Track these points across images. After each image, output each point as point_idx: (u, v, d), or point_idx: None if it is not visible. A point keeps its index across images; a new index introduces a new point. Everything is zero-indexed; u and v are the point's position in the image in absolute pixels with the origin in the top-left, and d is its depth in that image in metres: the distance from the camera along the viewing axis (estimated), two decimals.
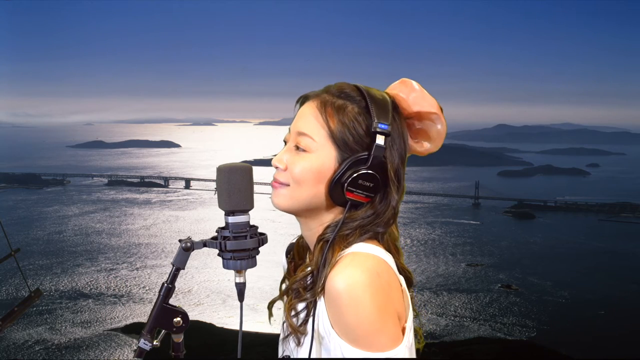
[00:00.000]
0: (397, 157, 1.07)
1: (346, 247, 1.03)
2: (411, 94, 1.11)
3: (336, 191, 1.04)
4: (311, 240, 1.13)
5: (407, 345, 0.98)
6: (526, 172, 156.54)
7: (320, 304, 0.99)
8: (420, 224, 78.08)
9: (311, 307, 1.01)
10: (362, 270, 0.94)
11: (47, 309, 41.20)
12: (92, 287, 48.29)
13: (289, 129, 1.13)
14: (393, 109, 1.07)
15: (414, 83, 1.12)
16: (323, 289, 0.98)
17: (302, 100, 1.12)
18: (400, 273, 1.08)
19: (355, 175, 1.02)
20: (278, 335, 1.21)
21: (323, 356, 1.00)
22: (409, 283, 1.09)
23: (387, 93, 1.11)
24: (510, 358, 31.42)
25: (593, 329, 39.91)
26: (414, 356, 1.05)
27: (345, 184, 1.03)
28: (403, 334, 0.98)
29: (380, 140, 1.03)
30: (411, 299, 1.09)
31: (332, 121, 1.05)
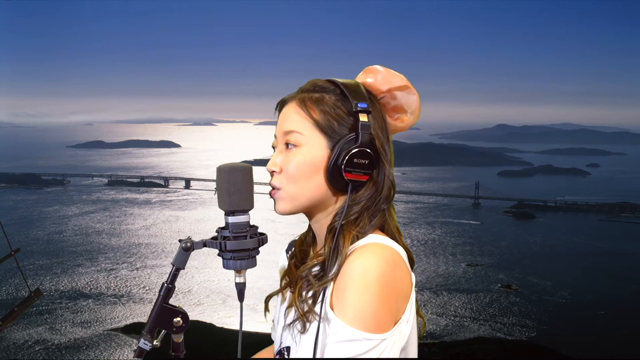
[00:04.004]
0: (382, 133, 1.11)
1: (358, 234, 1.06)
2: (377, 75, 1.15)
3: (335, 176, 1.06)
4: (320, 232, 1.15)
5: (398, 338, 0.99)
6: (526, 172, 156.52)
7: (329, 290, 1.01)
8: (420, 224, 78.05)
9: (319, 294, 1.03)
10: (380, 259, 0.97)
11: (47, 309, 41.19)
12: (92, 287, 48.27)
13: (275, 135, 1.15)
14: (367, 92, 1.12)
15: (377, 66, 1.16)
16: (336, 276, 1.00)
17: (281, 104, 1.16)
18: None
19: (349, 155, 1.05)
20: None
21: (327, 341, 1.00)
22: (411, 262, 1.11)
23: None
24: (510, 358, 31.41)
25: (593, 329, 39.91)
26: (414, 349, 1.06)
27: (343, 166, 1.05)
28: (394, 324, 0.99)
29: (363, 118, 1.07)
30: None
31: (314, 112, 1.09)
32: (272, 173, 1.12)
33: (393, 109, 1.17)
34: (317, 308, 1.03)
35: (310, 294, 1.05)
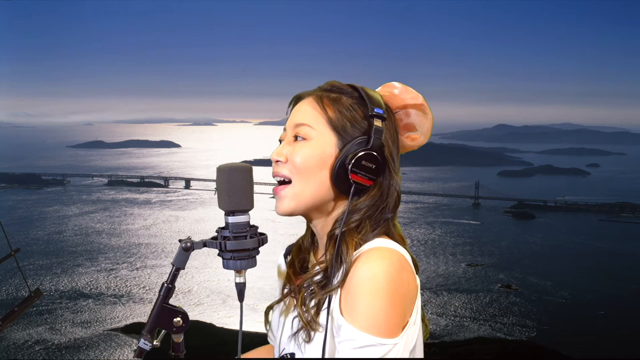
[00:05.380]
0: (392, 143, 1.11)
1: (361, 241, 1.04)
2: (394, 90, 1.16)
3: (340, 176, 1.05)
4: (322, 235, 1.14)
5: (407, 340, 0.99)
6: (526, 172, 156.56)
7: (336, 298, 1.00)
8: (420, 224, 78.07)
9: (323, 302, 1.02)
10: (389, 263, 0.96)
11: (47, 309, 41.20)
12: (92, 287, 48.28)
13: (284, 128, 1.15)
14: (385, 103, 1.13)
15: (396, 82, 1.17)
16: (342, 283, 0.99)
17: (296, 99, 1.15)
18: None
19: (358, 155, 1.04)
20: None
21: (335, 349, 0.99)
22: (415, 269, 1.10)
23: None
24: (510, 358, 31.42)
25: (593, 329, 39.92)
26: (420, 351, 1.06)
27: (349, 166, 1.04)
28: (403, 328, 0.98)
29: (377, 123, 1.07)
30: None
31: (330, 110, 1.09)
32: (276, 162, 1.11)
33: (405, 126, 1.17)
34: (322, 316, 1.02)
35: (313, 302, 1.04)
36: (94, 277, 51.14)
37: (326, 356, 1.00)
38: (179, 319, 1.03)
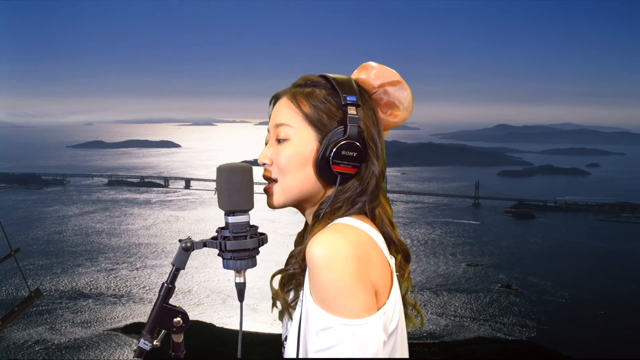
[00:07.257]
0: (372, 127, 1.12)
1: (334, 219, 1.07)
2: (371, 72, 1.17)
3: (324, 168, 1.08)
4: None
5: (385, 322, 0.96)
6: (526, 172, 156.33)
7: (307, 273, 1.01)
8: (420, 224, 77.96)
9: (300, 279, 1.05)
10: (341, 236, 0.95)
11: (47, 309, 41.17)
12: (92, 287, 48.25)
13: (267, 129, 1.18)
14: (358, 87, 1.13)
15: (372, 62, 1.18)
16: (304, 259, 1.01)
17: (274, 99, 1.18)
18: (395, 247, 1.11)
19: (337, 147, 1.06)
20: (279, 335, 1.21)
21: (308, 326, 0.99)
22: (406, 258, 1.11)
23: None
24: (510, 358, 31.42)
25: (593, 329, 39.89)
26: (403, 341, 1.03)
27: (330, 158, 1.06)
28: (377, 308, 0.95)
29: (352, 111, 1.08)
30: (407, 275, 1.11)
31: (304, 106, 1.11)
32: (263, 165, 1.15)
33: (386, 104, 1.18)
34: (301, 294, 1.03)
35: (291, 282, 1.07)
36: (94, 277, 51.10)
37: (302, 335, 1.00)
38: (179, 319, 1.04)
